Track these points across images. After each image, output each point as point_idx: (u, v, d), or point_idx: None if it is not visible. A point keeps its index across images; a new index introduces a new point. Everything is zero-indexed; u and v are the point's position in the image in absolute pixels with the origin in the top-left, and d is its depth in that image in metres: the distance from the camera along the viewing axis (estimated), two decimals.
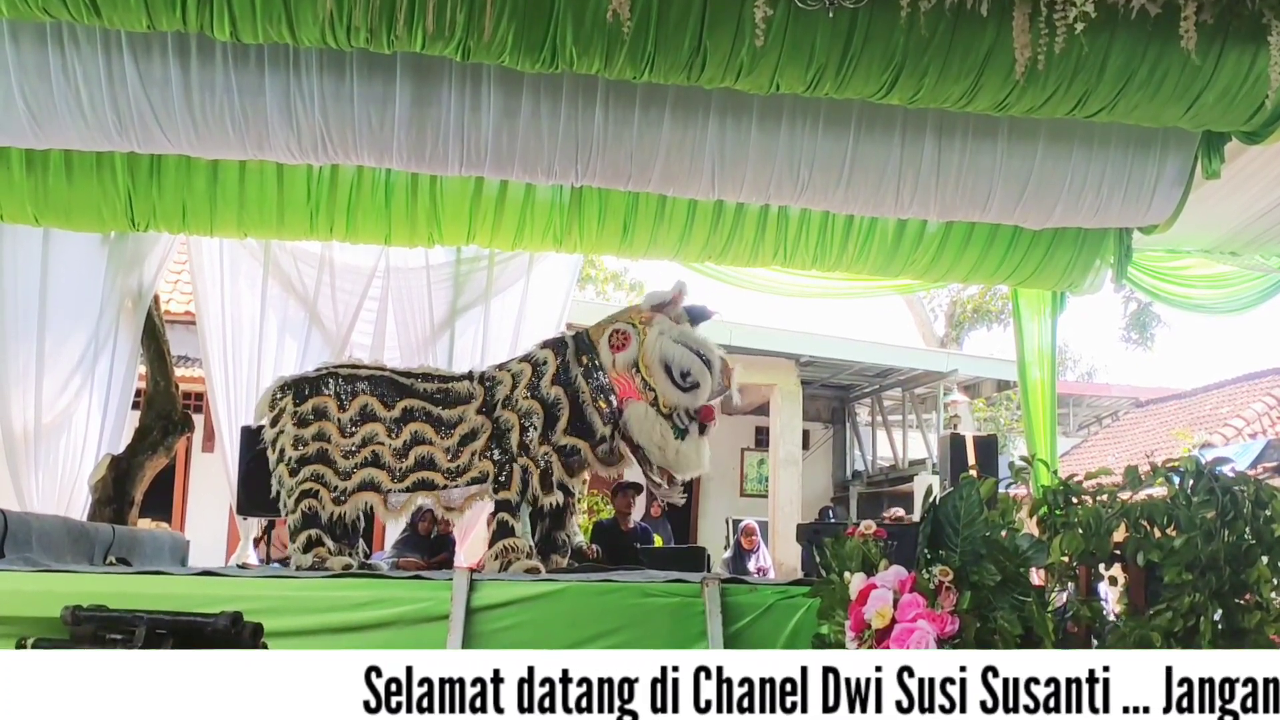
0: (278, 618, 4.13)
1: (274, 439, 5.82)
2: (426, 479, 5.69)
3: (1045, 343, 8.34)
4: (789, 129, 6.20)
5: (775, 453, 15.10)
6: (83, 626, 3.82)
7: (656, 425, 5.60)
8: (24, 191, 6.45)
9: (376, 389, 5.84)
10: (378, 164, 6.39)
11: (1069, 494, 4.01)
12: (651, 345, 5.64)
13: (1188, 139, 6.46)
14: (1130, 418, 21.70)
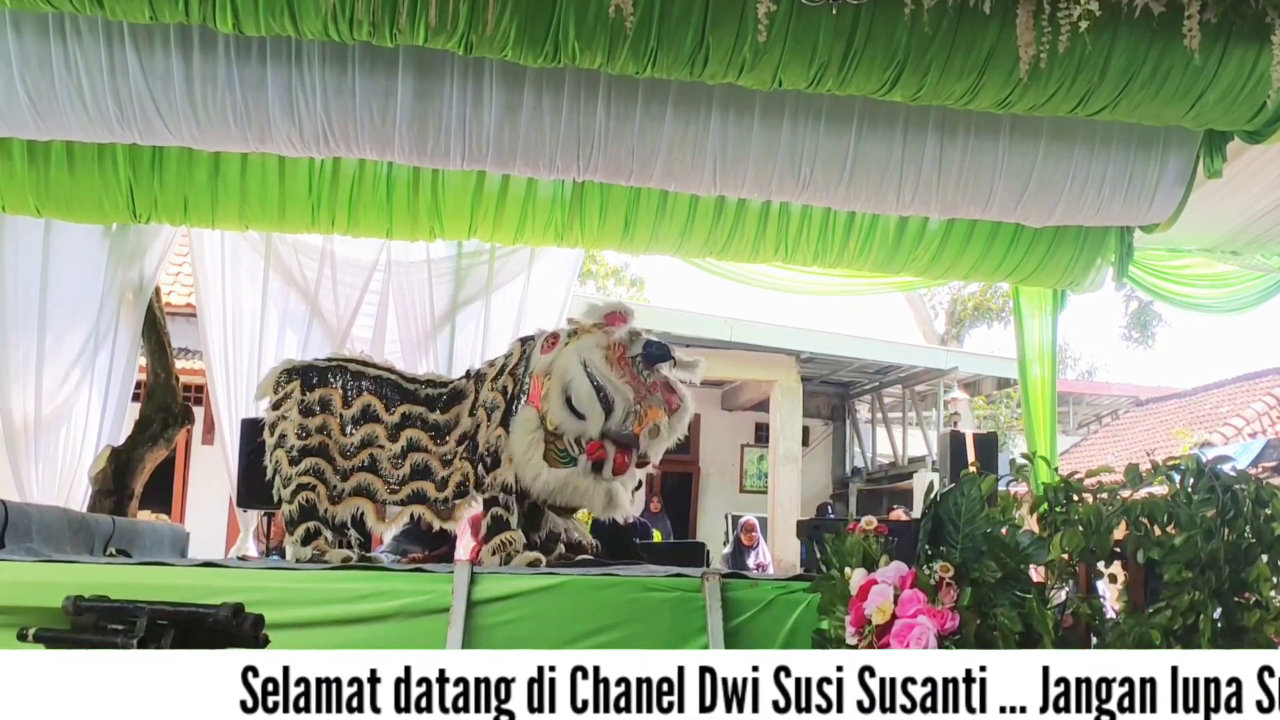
0: (279, 609, 4.12)
1: (274, 422, 5.77)
2: (420, 490, 5.61)
3: (1046, 341, 8.35)
4: (791, 125, 6.20)
5: (775, 449, 15.12)
6: (84, 617, 3.81)
7: (529, 435, 5.28)
8: (25, 182, 6.45)
9: (380, 389, 5.80)
10: (379, 158, 6.39)
11: (1069, 491, 4.01)
12: (561, 359, 5.32)
13: (1189, 138, 6.46)
14: (1130, 416, 21.73)
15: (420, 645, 4.26)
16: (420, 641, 4.28)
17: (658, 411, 5.34)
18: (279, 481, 5.64)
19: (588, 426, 5.22)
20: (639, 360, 5.41)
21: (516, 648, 4.32)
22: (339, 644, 4.29)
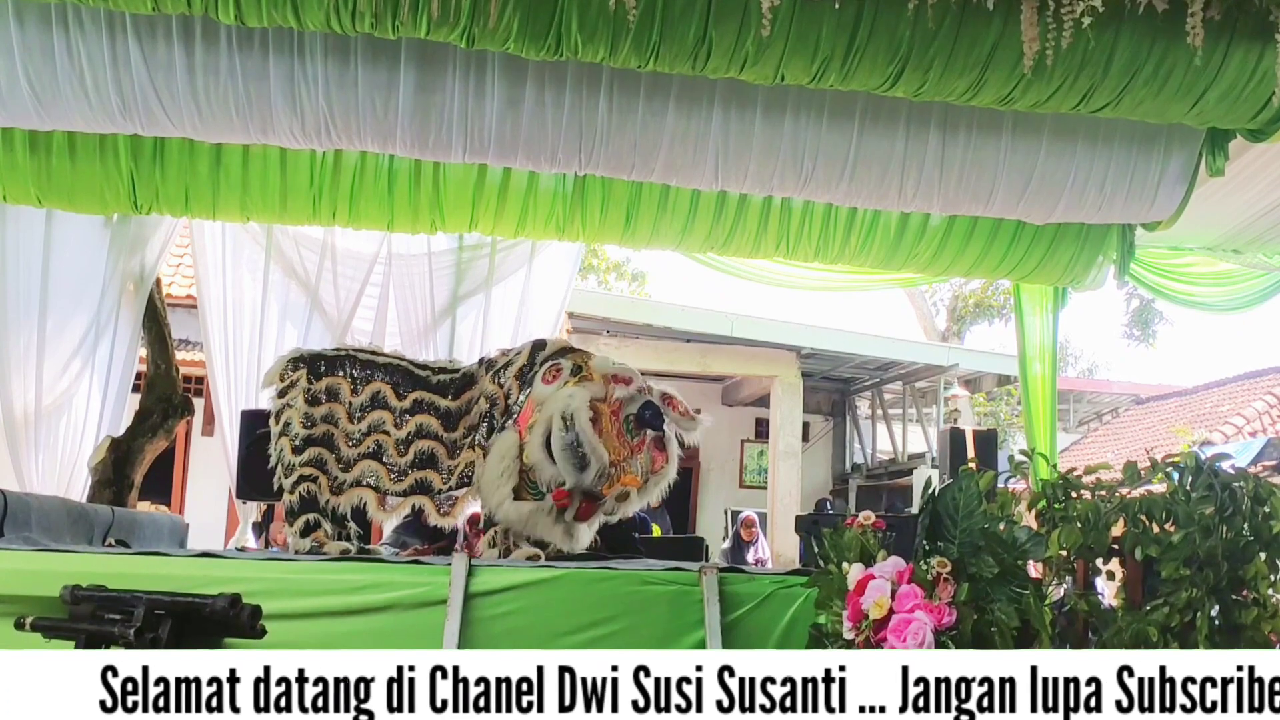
0: (276, 600, 4.13)
1: (279, 410, 5.74)
2: (425, 479, 5.57)
3: (1047, 338, 8.34)
4: (793, 120, 6.19)
5: (775, 444, 15.12)
6: (81, 606, 3.83)
7: (503, 464, 5.29)
8: (27, 172, 6.44)
9: (391, 377, 5.77)
10: (381, 150, 6.38)
11: (1068, 488, 4.01)
12: (552, 401, 5.27)
13: (1192, 136, 6.45)
14: (1130, 414, 21.73)
15: (417, 637, 4.27)
16: (417, 634, 4.28)
17: (634, 479, 5.24)
18: (281, 470, 5.63)
19: (558, 473, 5.20)
20: (631, 419, 5.32)
21: (514, 641, 4.33)
22: (336, 635, 4.31)
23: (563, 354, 5.67)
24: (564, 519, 5.31)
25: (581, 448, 5.12)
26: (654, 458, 5.33)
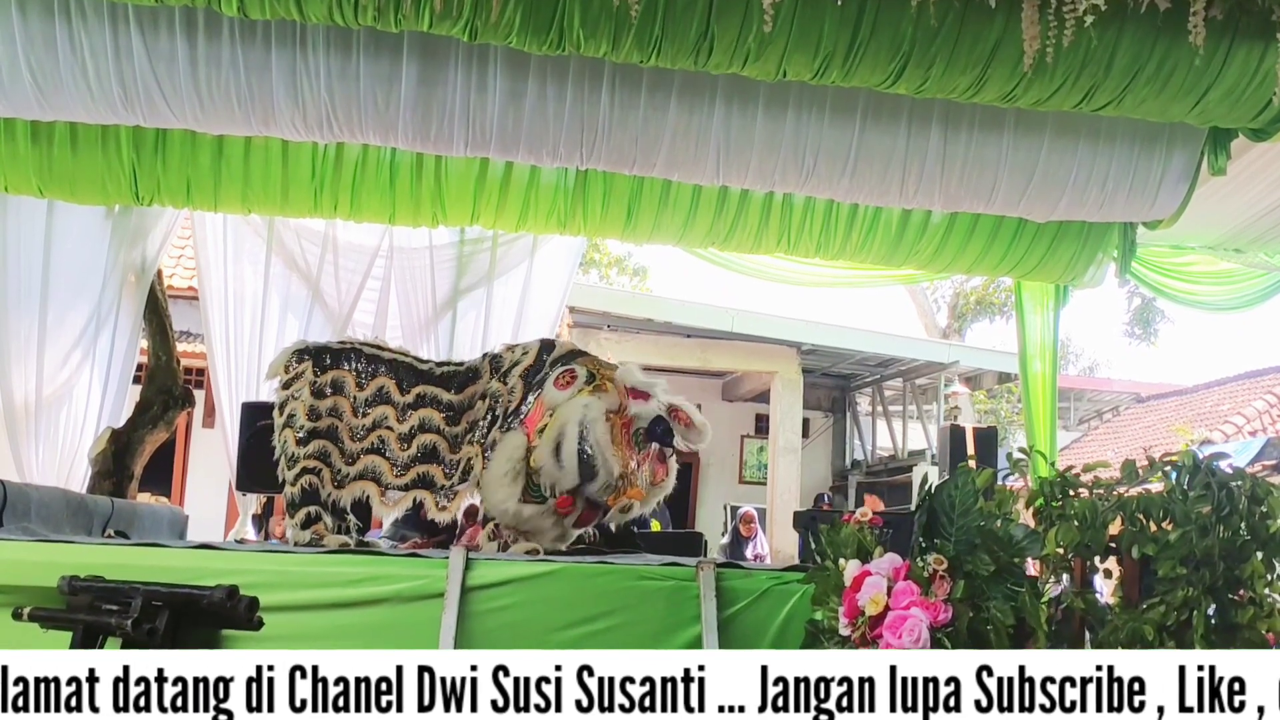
0: (274, 592, 4.14)
1: (284, 402, 5.73)
2: (426, 474, 5.58)
3: (1047, 336, 8.34)
4: (795, 116, 6.19)
5: (775, 440, 15.13)
6: (79, 597, 3.84)
7: (510, 465, 5.31)
8: (29, 163, 6.45)
9: (395, 371, 5.77)
10: (383, 143, 6.38)
11: (1066, 486, 4.02)
12: (566, 408, 5.30)
13: (1194, 135, 6.44)
14: (1131, 413, 21.73)
15: (415, 630, 4.28)
16: (414, 627, 4.29)
17: (639, 492, 5.29)
18: (284, 462, 5.63)
19: (561, 479, 5.24)
20: (640, 433, 5.38)
21: (511, 634, 4.34)
22: (333, 628, 4.32)
23: (573, 357, 5.70)
24: (563, 524, 5.39)
25: (593, 459, 5.16)
26: (655, 469, 5.37)
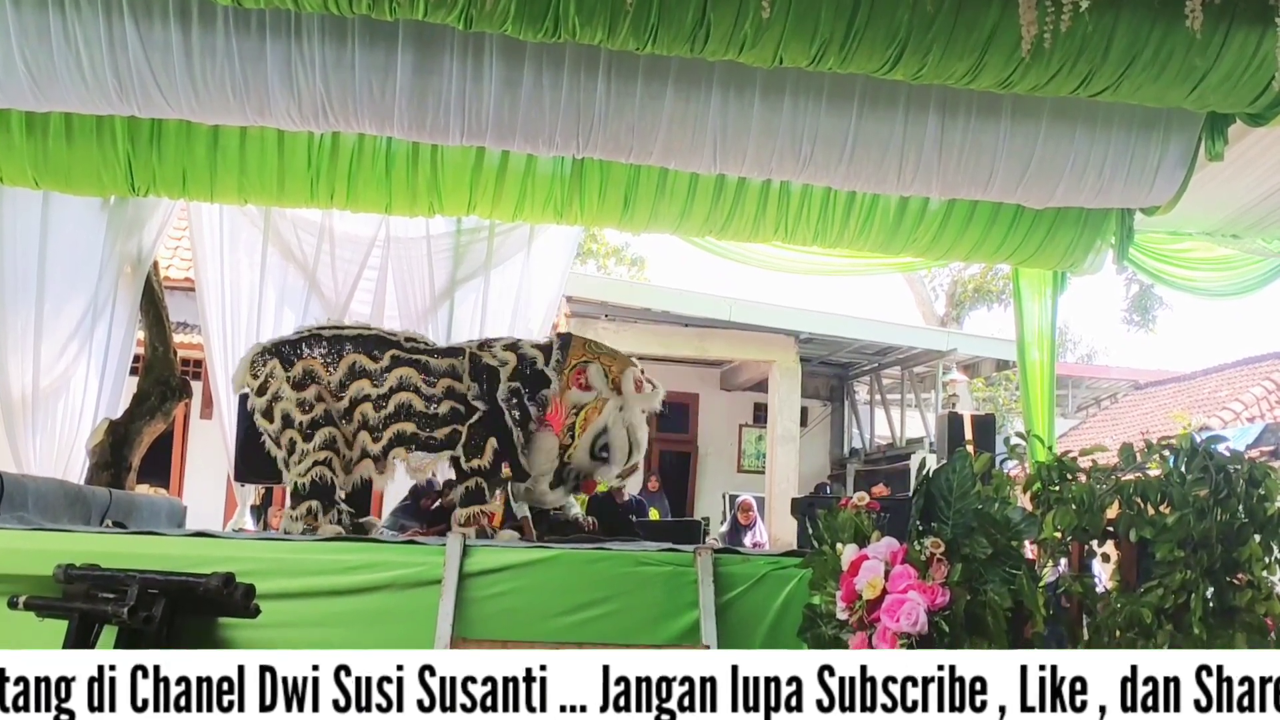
0: (270, 580, 4.14)
1: (266, 408, 5.72)
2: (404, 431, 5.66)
3: (1045, 323, 8.33)
4: (792, 104, 6.18)
5: (773, 429, 15.13)
6: (75, 585, 3.85)
7: (549, 465, 5.76)
8: (24, 154, 6.43)
9: (362, 346, 5.81)
10: (379, 132, 6.37)
11: (1063, 470, 4.02)
12: (606, 409, 5.79)
13: (1191, 120, 6.43)
14: (1129, 400, 21.75)
15: (412, 617, 4.28)
16: (412, 614, 4.30)
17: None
18: (293, 461, 5.61)
19: (603, 471, 5.88)
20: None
21: (508, 620, 4.35)
22: (330, 615, 4.32)
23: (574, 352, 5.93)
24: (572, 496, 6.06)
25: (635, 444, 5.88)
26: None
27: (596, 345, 6.14)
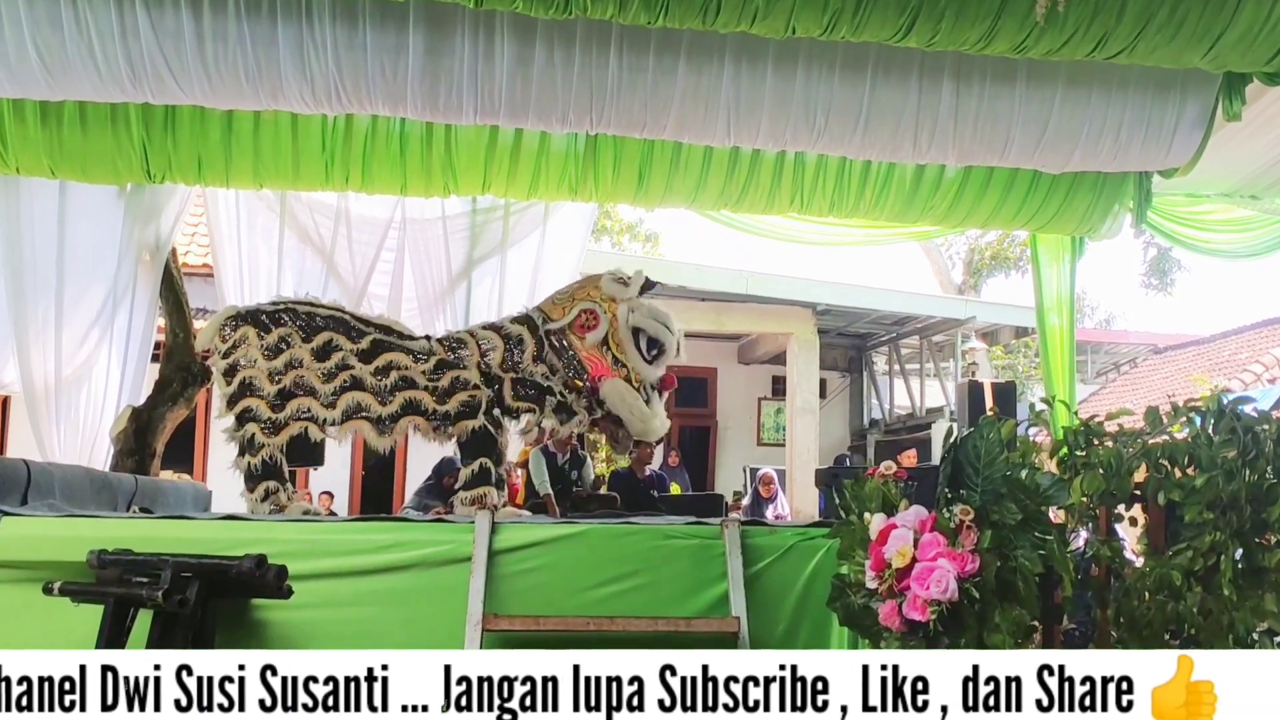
0: (302, 560, 4.17)
1: (229, 369, 5.70)
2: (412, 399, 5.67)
3: (1064, 289, 8.30)
4: (805, 74, 6.15)
5: (792, 401, 15.11)
6: (108, 570, 3.87)
7: (636, 400, 5.81)
8: (39, 143, 6.45)
9: (339, 326, 5.80)
10: (392, 113, 6.37)
11: (1089, 435, 4.00)
12: (623, 322, 5.92)
13: (1208, 81, 6.39)
14: (1148, 364, 21.65)
15: (442, 595, 4.30)
16: (441, 591, 4.32)
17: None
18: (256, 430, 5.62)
19: (662, 365, 5.99)
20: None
21: (538, 596, 4.37)
22: (361, 594, 4.35)
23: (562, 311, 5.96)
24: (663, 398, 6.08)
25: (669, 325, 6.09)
26: None
27: (559, 295, 6.26)
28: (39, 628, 4.14)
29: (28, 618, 4.15)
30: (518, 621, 4.22)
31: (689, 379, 17.19)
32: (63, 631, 4.02)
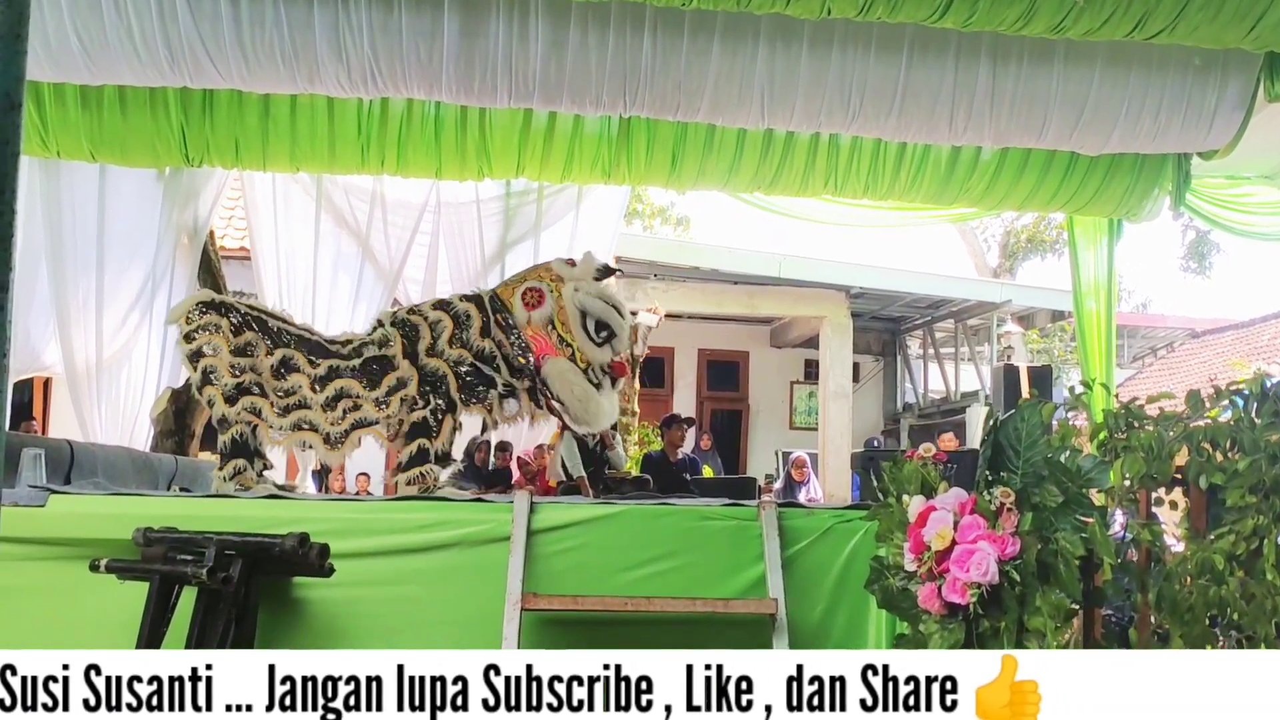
0: (343, 539, 4.20)
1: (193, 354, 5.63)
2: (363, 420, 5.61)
3: (1101, 272, 8.25)
4: (840, 55, 6.13)
5: (825, 385, 15.07)
6: (154, 548, 3.92)
7: (578, 381, 5.70)
8: (79, 127, 6.53)
9: (302, 346, 5.71)
10: (427, 96, 6.40)
11: (1130, 418, 3.98)
12: (569, 301, 5.76)
13: (1249, 61, 6.33)
14: (1186, 349, 21.46)
15: (482, 573, 4.33)
16: (481, 570, 4.34)
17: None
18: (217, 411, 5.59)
19: (608, 352, 5.78)
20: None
21: (576, 575, 4.39)
22: (402, 573, 4.38)
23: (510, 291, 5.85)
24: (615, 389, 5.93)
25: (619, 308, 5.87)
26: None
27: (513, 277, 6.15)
28: (86, 604, 4.20)
29: (75, 595, 4.21)
30: (556, 601, 4.24)
31: (721, 362, 17.19)
32: (109, 608, 4.08)
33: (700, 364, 17.05)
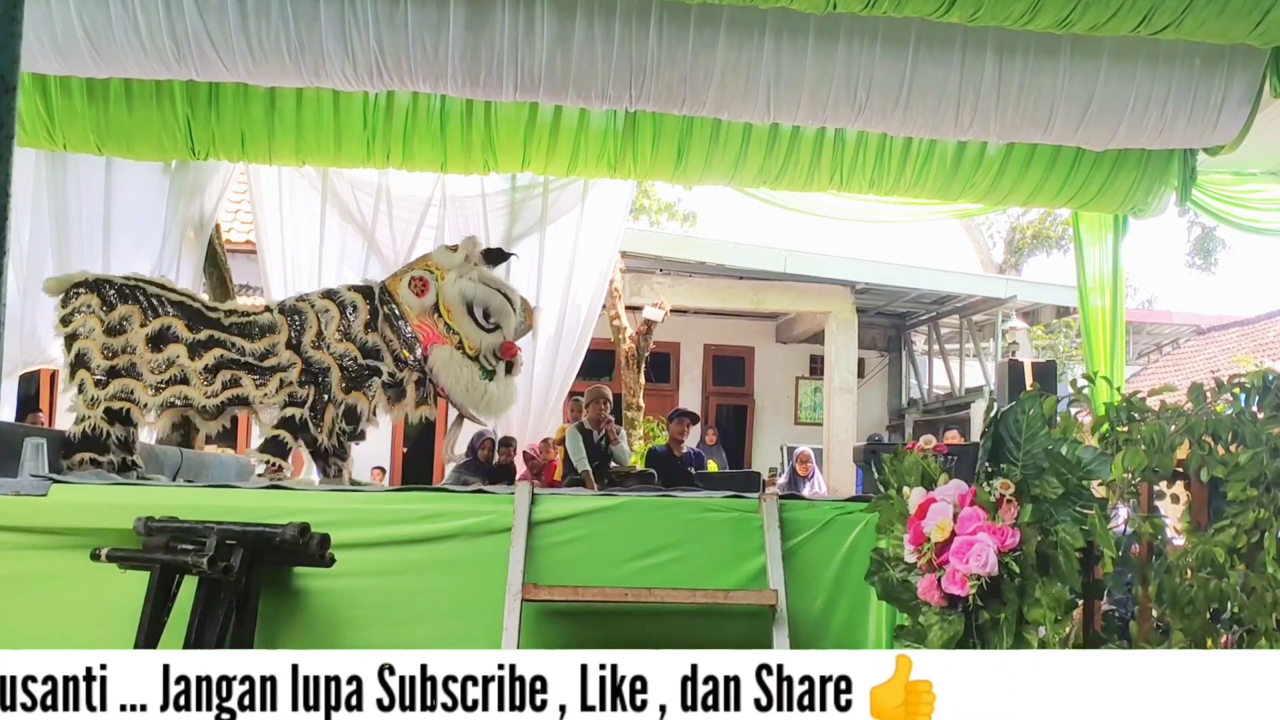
0: (344, 529, 4.20)
1: (69, 337, 5.58)
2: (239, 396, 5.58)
3: (1106, 268, 8.25)
4: (846, 49, 6.13)
5: (830, 381, 15.08)
6: (155, 537, 3.93)
7: (464, 369, 5.67)
8: (86, 120, 6.55)
9: (182, 313, 5.63)
10: (433, 90, 6.41)
11: (1131, 410, 3.97)
12: (450, 287, 5.70)
13: (1256, 56, 6.32)
14: (1191, 345, 21.41)
15: (482, 564, 4.33)
16: (482, 560, 4.35)
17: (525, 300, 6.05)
18: (81, 400, 5.53)
19: (501, 334, 5.74)
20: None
21: (577, 567, 4.39)
22: (403, 563, 4.39)
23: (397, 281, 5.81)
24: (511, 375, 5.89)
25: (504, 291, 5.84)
26: None
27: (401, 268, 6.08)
28: (86, 593, 4.22)
29: (76, 584, 4.22)
30: (557, 592, 4.25)
31: (726, 358, 17.19)
32: (110, 597, 4.09)
33: (706, 359, 17.06)
